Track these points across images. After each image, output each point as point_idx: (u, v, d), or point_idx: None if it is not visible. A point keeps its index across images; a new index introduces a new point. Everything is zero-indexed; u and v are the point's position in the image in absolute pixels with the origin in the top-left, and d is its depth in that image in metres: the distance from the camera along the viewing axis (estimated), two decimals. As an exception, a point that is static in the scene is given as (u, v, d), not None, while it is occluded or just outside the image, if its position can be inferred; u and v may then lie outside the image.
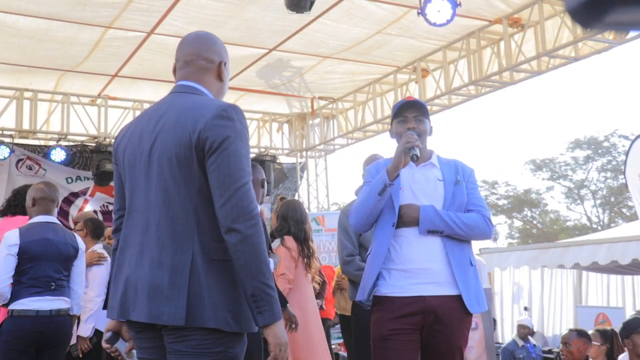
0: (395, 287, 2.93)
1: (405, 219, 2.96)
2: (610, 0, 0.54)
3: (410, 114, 3.10)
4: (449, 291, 2.93)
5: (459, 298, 2.93)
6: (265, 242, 2.07)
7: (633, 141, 6.21)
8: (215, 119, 2.07)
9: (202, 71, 2.27)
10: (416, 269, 2.93)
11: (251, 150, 11.09)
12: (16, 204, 4.80)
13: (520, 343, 8.14)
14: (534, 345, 8.44)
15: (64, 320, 4.18)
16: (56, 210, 4.40)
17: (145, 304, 2.04)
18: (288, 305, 4.37)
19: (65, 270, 4.24)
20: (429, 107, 9.59)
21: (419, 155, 2.91)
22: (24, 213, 4.51)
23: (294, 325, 4.36)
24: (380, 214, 3.02)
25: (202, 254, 2.04)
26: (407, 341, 2.91)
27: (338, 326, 8.44)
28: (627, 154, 6.11)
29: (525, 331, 8.48)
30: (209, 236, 2.06)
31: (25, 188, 4.73)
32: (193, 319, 2.01)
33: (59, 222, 4.39)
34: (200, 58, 2.28)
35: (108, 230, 5.93)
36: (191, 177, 2.08)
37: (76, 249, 4.33)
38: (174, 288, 2.01)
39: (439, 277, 2.93)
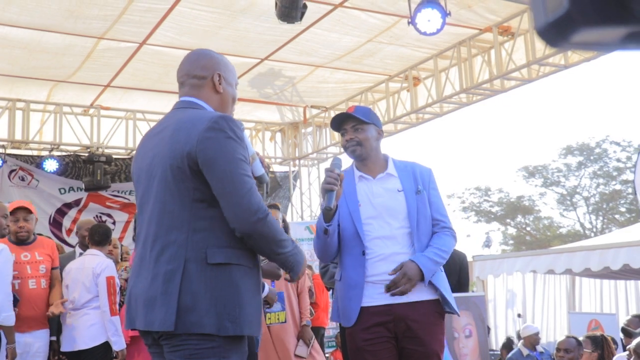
0: (365, 297, 2.93)
1: (411, 275, 2.86)
2: (575, 22, 0.57)
3: (348, 125, 3.08)
4: (418, 297, 2.93)
5: (429, 303, 2.94)
6: (278, 226, 2.21)
7: None
8: (207, 132, 2.13)
9: (196, 88, 2.36)
10: (385, 280, 2.92)
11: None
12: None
13: (526, 352, 7.88)
14: (542, 352, 8.09)
15: None
16: None
17: (142, 312, 2.12)
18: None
19: None
20: (420, 116, 9.69)
21: (332, 207, 2.76)
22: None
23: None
24: (342, 238, 2.99)
25: (197, 260, 2.09)
26: (382, 350, 2.90)
27: (330, 335, 8.44)
28: (636, 163, 6.08)
29: (531, 340, 8.08)
30: (206, 242, 2.11)
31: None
32: (183, 324, 2.05)
33: None
34: (191, 77, 2.37)
35: (113, 239, 6.07)
36: (186, 188, 2.14)
37: None
38: (165, 295, 2.07)
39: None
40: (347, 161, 3.16)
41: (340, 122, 3.10)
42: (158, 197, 2.19)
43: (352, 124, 3.07)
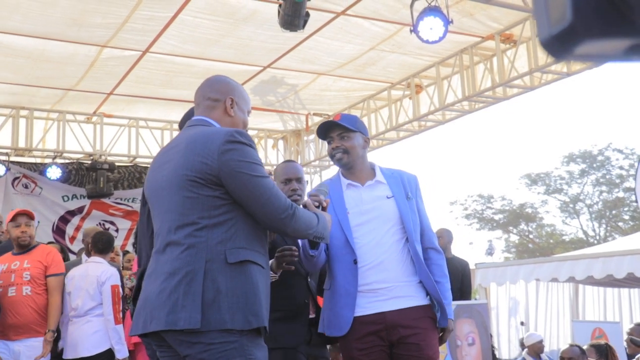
0: (356, 306, 2.91)
1: (452, 328, 3.09)
2: (579, 34, 0.57)
3: (334, 133, 3.08)
4: (409, 303, 2.93)
5: (420, 308, 2.94)
6: (304, 213, 2.38)
7: None
8: (225, 144, 2.25)
9: (209, 109, 2.50)
10: (375, 289, 2.92)
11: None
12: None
13: None
14: None
15: None
16: None
17: (162, 313, 2.15)
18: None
19: None
20: (423, 123, 9.69)
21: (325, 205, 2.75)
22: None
23: None
24: (332, 247, 2.98)
25: (217, 261, 2.17)
26: (377, 359, 2.90)
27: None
28: (637, 170, 6.06)
29: (535, 348, 7.89)
30: (225, 245, 2.20)
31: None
32: (208, 322, 2.11)
33: None
34: (205, 99, 2.52)
35: (115, 247, 6.14)
36: (204, 196, 2.24)
37: None
38: (188, 295, 2.13)
39: (398, 292, 2.93)
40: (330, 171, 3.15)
41: (327, 130, 3.10)
42: (173, 206, 2.28)
43: (339, 132, 3.07)
